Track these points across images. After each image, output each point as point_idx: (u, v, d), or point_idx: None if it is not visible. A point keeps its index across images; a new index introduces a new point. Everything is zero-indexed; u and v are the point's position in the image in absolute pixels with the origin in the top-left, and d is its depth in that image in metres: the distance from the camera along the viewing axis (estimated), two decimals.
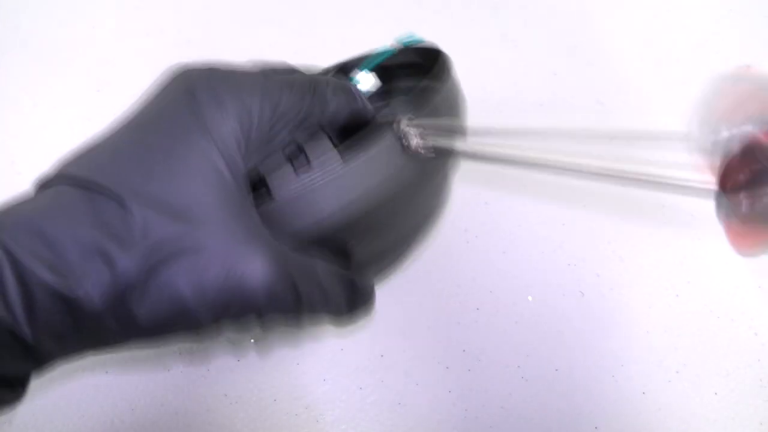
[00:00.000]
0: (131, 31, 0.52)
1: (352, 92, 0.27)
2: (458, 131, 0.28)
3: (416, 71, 0.36)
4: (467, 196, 0.41)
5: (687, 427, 0.33)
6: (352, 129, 0.27)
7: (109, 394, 0.33)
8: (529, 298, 0.37)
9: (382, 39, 0.47)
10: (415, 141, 0.24)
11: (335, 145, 0.27)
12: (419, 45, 0.34)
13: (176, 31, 0.52)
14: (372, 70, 0.34)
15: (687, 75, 0.49)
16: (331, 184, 0.23)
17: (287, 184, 0.24)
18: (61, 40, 0.52)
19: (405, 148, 0.25)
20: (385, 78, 0.35)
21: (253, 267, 0.20)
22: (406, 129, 0.25)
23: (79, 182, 0.20)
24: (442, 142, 0.25)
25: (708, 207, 0.43)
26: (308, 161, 0.26)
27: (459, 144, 0.25)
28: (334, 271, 0.24)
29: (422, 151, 0.25)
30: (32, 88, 0.48)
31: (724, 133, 0.17)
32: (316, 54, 0.50)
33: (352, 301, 0.26)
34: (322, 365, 0.34)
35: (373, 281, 0.29)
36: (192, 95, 0.21)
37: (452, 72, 0.29)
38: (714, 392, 0.34)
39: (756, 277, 0.38)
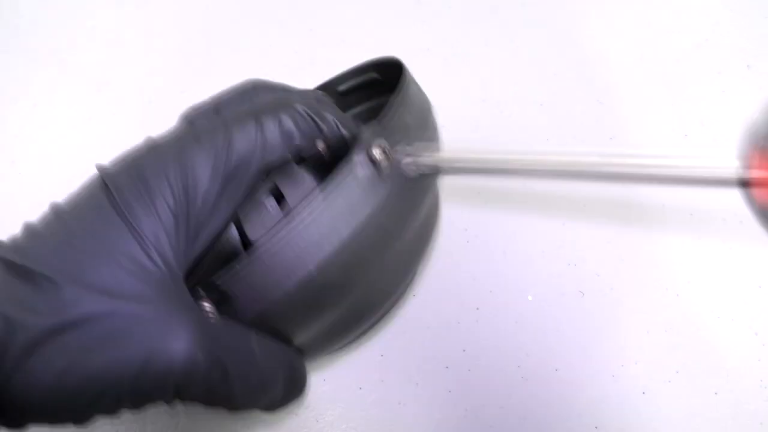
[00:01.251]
0: (131, 31, 0.52)
1: (308, 118, 0.24)
2: (431, 142, 0.27)
3: (376, 91, 0.34)
4: (467, 196, 0.41)
5: (687, 427, 0.33)
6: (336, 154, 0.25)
7: None
8: (529, 298, 0.37)
9: (382, 39, 0.47)
10: (383, 154, 0.23)
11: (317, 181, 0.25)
12: (377, 60, 0.33)
13: (176, 31, 0.52)
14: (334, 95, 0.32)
15: (687, 75, 0.49)
16: (313, 222, 0.22)
17: (263, 222, 0.24)
18: (61, 40, 0.52)
19: (379, 170, 0.23)
20: (344, 105, 0.33)
21: (173, 343, 0.19)
22: (375, 148, 0.23)
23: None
24: (417, 155, 0.23)
25: (707, 207, 0.43)
26: (283, 197, 0.25)
27: (435, 154, 0.23)
28: (273, 350, 0.23)
29: (394, 161, 0.23)
30: (32, 88, 0.48)
31: None
32: (316, 54, 0.50)
33: (289, 384, 0.24)
34: (322, 365, 0.34)
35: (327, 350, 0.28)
36: (111, 193, 0.21)
37: (409, 79, 0.28)
38: (714, 392, 0.34)
39: (756, 277, 0.38)
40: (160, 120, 0.25)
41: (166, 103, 0.46)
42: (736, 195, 0.45)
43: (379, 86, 0.34)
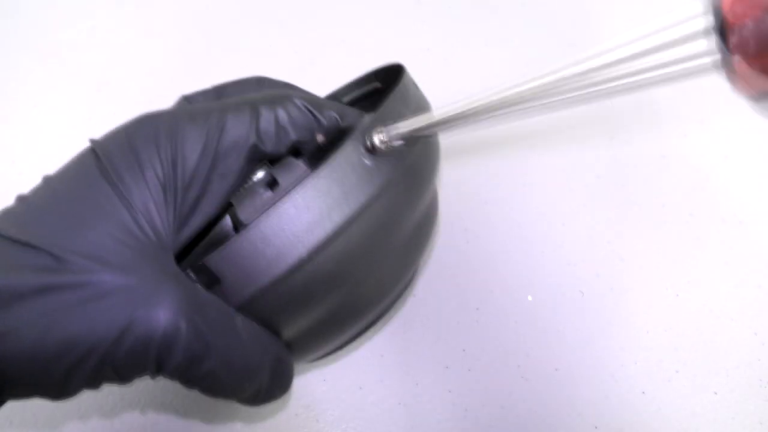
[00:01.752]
0: (131, 31, 0.52)
1: (307, 112, 0.24)
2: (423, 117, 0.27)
3: (380, 100, 0.34)
4: (467, 196, 0.41)
5: (687, 427, 0.33)
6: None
7: (110, 394, 0.33)
8: (529, 298, 0.37)
9: (382, 39, 0.47)
10: (379, 138, 0.23)
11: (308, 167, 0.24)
12: (379, 68, 0.32)
13: (177, 31, 0.52)
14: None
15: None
16: (305, 206, 0.21)
17: (255, 205, 0.23)
18: (61, 40, 0.52)
19: (373, 151, 0.23)
20: None
21: (155, 310, 0.19)
22: (371, 135, 0.23)
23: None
24: (411, 128, 0.23)
25: (708, 207, 0.43)
26: (276, 181, 0.24)
27: (426, 121, 0.23)
28: (259, 336, 0.23)
29: (390, 146, 0.23)
30: (32, 88, 0.48)
31: None
32: (315, 54, 0.50)
33: (274, 377, 0.24)
34: (322, 365, 0.34)
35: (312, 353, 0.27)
36: (101, 162, 0.21)
37: (407, 77, 0.27)
38: (714, 392, 0.34)
39: (756, 277, 0.38)
40: None
41: (166, 103, 0.46)
42: (735, 195, 0.45)
43: (381, 95, 0.33)
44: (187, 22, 0.53)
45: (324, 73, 0.49)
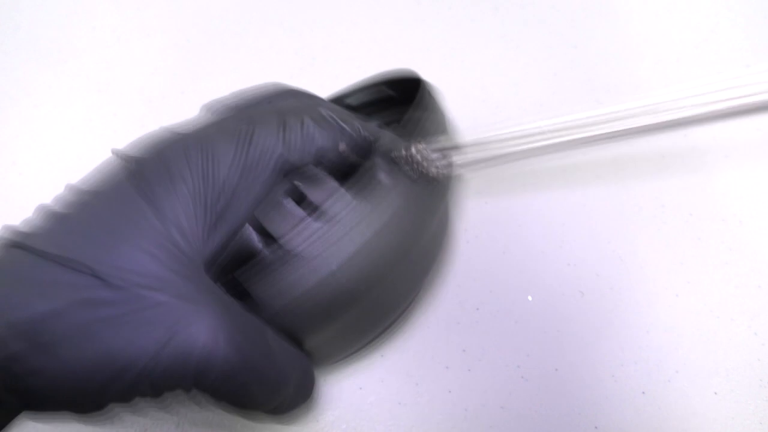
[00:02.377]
0: (131, 32, 0.52)
1: (332, 122, 0.24)
2: (459, 146, 0.27)
3: (391, 106, 0.34)
4: (467, 196, 0.41)
5: (687, 427, 0.33)
6: (352, 163, 0.25)
7: None
8: (529, 298, 0.37)
9: (382, 39, 0.47)
10: (433, 165, 0.23)
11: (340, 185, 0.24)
12: (391, 75, 0.32)
13: (176, 31, 0.52)
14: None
15: (687, 74, 0.49)
16: (338, 222, 0.22)
17: (284, 219, 0.23)
18: (61, 41, 0.52)
19: (418, 176, 0.23)
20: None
21: (195, 324, 0.19)
22: (421, 154, 0.23)
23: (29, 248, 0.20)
24: (454, 158, 0.23)
25: (707, 207, 0.43)
26: (305, 198, 0.24)
27: (467, 155, 0.23)
28: (286, 349, 0.23)
29: (440, 173, 0.23)
30: (32, 88, 0.48)
31: None
32: (316, 54, 0.50)
33: (298, 388, 0.24)
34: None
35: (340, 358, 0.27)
36: (133, 176, 0.21)
37: (429, 89, 0.28)
38: (714, 392, 0.34)
39: (756, 277, 0.38)
40: (160, 120, 0.25)
41: (166, 103, 0.46)
42: (735, 195, 0.45)
43: (391, 101, 0.33)
44: (187, 22, 0.53)
45: (324, 73, 0.49)
